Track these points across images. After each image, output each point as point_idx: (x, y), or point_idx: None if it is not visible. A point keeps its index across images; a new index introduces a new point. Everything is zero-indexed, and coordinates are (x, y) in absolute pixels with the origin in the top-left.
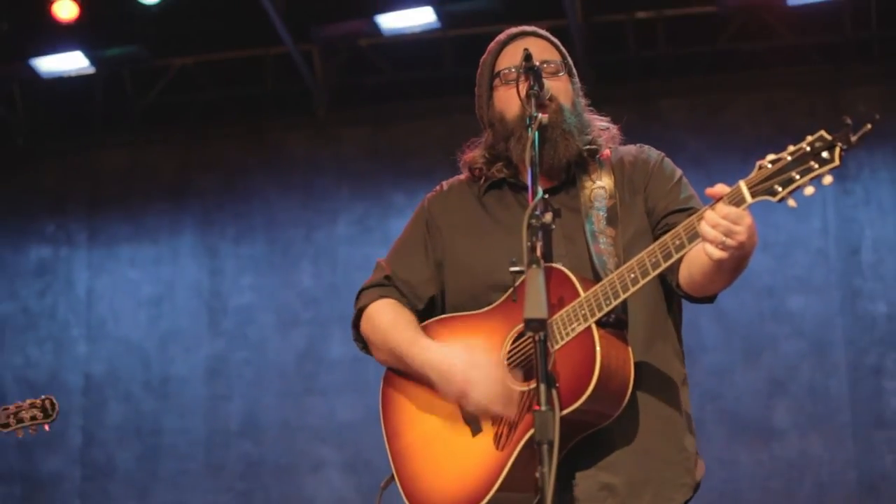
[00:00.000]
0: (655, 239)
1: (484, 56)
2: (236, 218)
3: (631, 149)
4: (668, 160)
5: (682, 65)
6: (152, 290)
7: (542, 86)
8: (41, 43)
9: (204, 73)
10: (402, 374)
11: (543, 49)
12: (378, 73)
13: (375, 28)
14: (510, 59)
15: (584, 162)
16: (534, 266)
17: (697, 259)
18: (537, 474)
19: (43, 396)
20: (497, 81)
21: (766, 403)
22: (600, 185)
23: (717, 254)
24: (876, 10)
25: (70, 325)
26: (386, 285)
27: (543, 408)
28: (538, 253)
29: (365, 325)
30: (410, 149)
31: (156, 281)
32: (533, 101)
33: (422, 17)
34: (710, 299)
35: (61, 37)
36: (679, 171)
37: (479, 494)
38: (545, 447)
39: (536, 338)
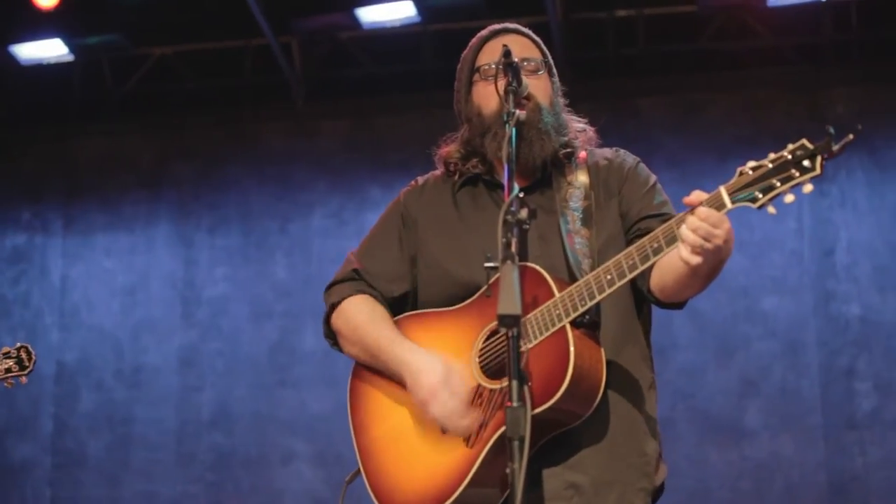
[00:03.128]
0: (628, 243)
1: (465, 51)
2: (212, 208)
3: (606, 152)
4: (642, 165)
5: (662, 63)
6: (126, 280)
7: (520, 82)
8: (20, 30)
9: (183, 63)
10: (372, 368)
11: (524, 47)
12: (357, 67)
13: (355, 21)
14: (490, 55)
15: (560, 162)
16: (508, 262)
17: (670, 265)
18: (507, 470)
19: (18, 345)
20: (476, 77)
21: (738, 403)
22: (575, 185)
23: (694, 259)
24: (856, 12)
25: (43, 313)
26: (356, 279)
27: (515, 404)
28: (513, 249)
29: (337, 320)
30: (388, 142)
31: (130, 270)
32: (511, 97)
33: (402, 11)
34: (679, 305)
35: (41, 24)
36: (653, 177)
37: (447, 490)
38: (516, 443)
39: (509, 334)
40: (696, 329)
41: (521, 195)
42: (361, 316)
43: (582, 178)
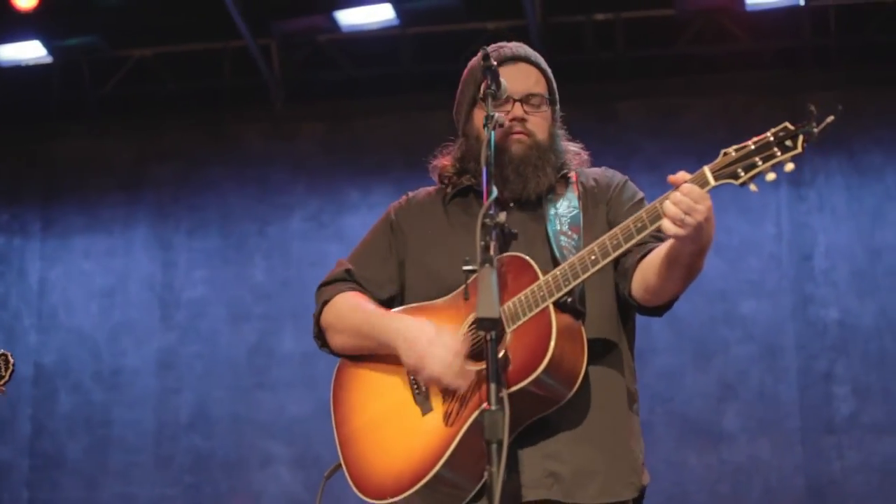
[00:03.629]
0: (624, 268)
1: (472, 62)
2: (191, 211)
3: (596, 170)
4: (631, 182)
5: (640, 67)
6: (105, 282)
7: (499, 85)
8: None
9: (162, 65)
10: (355, 361)
11: (530, 79)
12: (336, 69)
13: (334, 24)
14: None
15: (553, 187)
16: (487, 265)
17: (651, 263)
18: (485, 473)
19: None
20: (480, 103)
21: (716, 407)
22: (565, 198)
23: (674, 229)
24: (834, 16)
25: (21, 315)
26: (347, 280)
27: (493, 407)
28: (492, 252)
29: (328, 314)
30: (367, 145)
31: (109, 272)
32: (490, 100)
33: (381, 14)
34: (660, 310)
35: (19, 25)
36: (641, 193)
37: (424, 469)
38: (494, 447)
39: (488, 337)
40: (675, 333)
41: (510, 207)
42: (352, 302)
43: (571, 191)
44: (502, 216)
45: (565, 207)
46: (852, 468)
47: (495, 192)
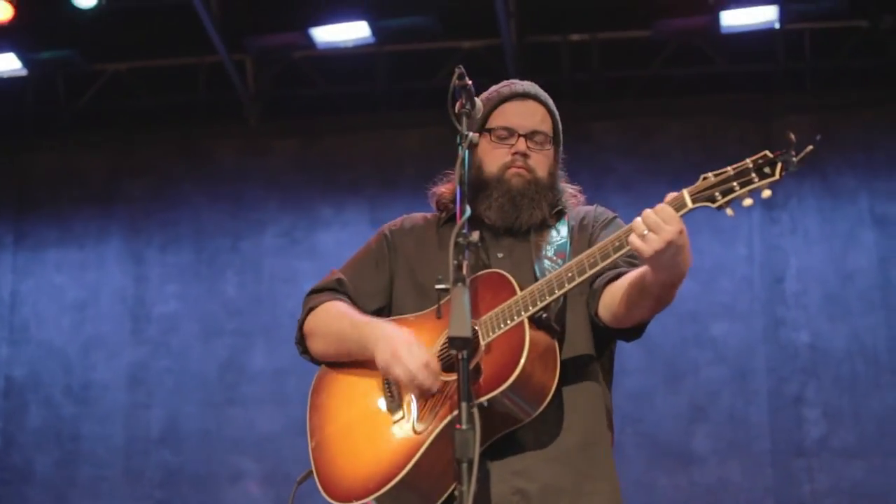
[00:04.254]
0: (590, 283)
1: (483, 96)
2: (163, 225)
3: (587, 207)
4: (620, 220)
5: (615, 88)
6: (77, 296)
7: (473, 105)
8: None
9: (137, 80)
10: (332, 368)
11: (537, 116)
12: (310, 86)
13: (309, 41)
14: (505, 118)
15: (545, 220)
16: (459, 284)
17: (621, 285)
18: (455, 491)
19: None
20: (486, 134)
21: (687, 429)
22: (555, 230)
23: (637, 242)
24: (809, 40)
25: None
26: (337, 290)
27: (464, 426)
28: (464, 271)
29: (312, 320)
30: (340, 162)
31: (81, 286)
32: (465, 119)
33: (356, 32)
34: (628, 333)
35: None
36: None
37: (391, 474)
38: (464, 465)
39: (460, 356)
40: (646, 353)
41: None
42: (338, 309)
43: (561, 226)
44: (475, 235)
45: (554, 236)
46: (822, 491)
47: (468, 211)
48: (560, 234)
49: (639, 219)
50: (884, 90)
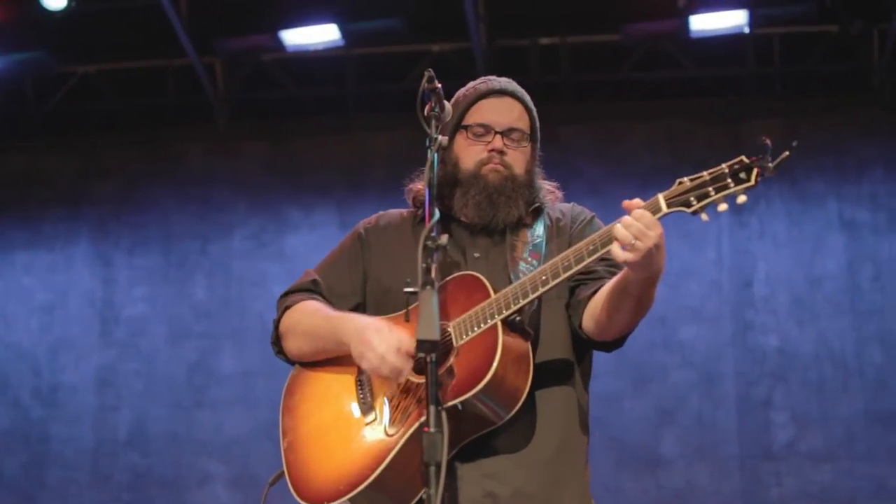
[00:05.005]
0: (571, 290)
1: (460, 93)
2: (132, 228)
3: (565, 205)
4: (598, 220)
5: (584, 91)
6: (45, 298)
7: (443, 108)
8: None
9: (106, 82)
10: (306, 368)
11: (514, 113)
12: (280, 89)
13: (279, 43)
14: (481, 115)
15: (522, 218)
16: (427, 288)
17: (602, 294)
18: (424, 494)
19: None
20: (462, 131)
21: (654, 432)
22: (531, 229)
23: (623, 254)
24: (778, 45)
25: None
26: (313, 290)
27: (433, 429)
28: (433, 275)
29: (288, 319)
30: (309, 165)
31: (49, 288)
32: (434, 122)
33: (326, 35)
34: (609, 346)
35: None
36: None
37: (362, 476)
38: (432, 469)
39: (428, 359)
40: (614, 357)
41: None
42: (311, 308)
43: (538, 225)
44: (444, 238)
45: (531, 236)
46: (790, 495)
47: (437, 214)
48: (536, 233)
49: (620, 227)
50: (853, 95)
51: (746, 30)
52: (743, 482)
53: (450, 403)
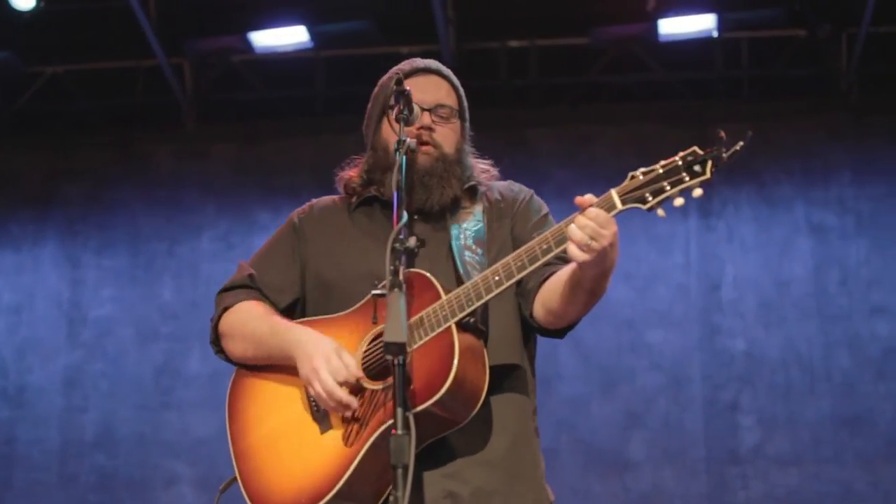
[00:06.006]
0: (527, 289)
1: (383, 78)
2: (100, 229)
3: (501, 183)
4: (536, 197)
5: (552, 95)
6: (12, 299)
7: (411, 110)
8: None
9: (74, 83)
10: (252, 371)
11: (440, 91)
12: (249, 90)
13: (248, 45)
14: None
15: (458, 199)
16: (396, 290)
17: (553, 285)
18: (391, 498)
19: None
20: (389, 112)
21: (622, 435)
22: (469, 210)
23: (580, 255)
24: (747, 48)
25: None
26: (250, 286)
27: (400, 432)
28: (401, 276)
29: (227, 321)
30: (278, 167)
31: (16, 289)
32: (402, 125)
33: (295, 36)
34: (561, 332)
35: None
36: (546, 208)
37: (325, 488)
38: (399, 471)
39: (395, 362)
40: (581, 360)
41: (415, 217)
42: (254, 311)
43: (476, 204)
44: (412, 241)
45: (470, 221)
46: (756, 499)
47: (406, 217)
48: (475, 217)
49: (575, 229)
50: (821, 99)
51: (715, 34)
52: (710, 485)
53: (409, 413)
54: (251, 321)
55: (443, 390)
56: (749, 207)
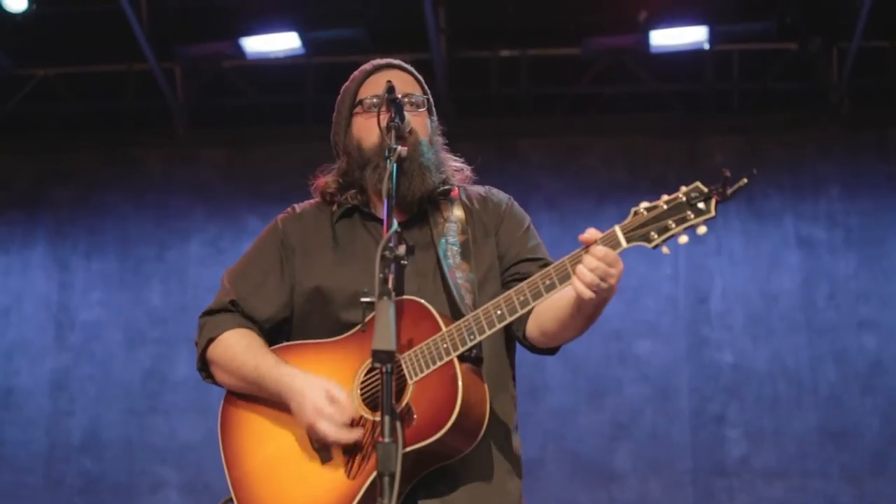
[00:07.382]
0: (503, 285)
1: (346, 83)
2: (89, 232)
3: (479, 189)
4: (516, 204)
5: (543, 105)
6: (0, 301)
7: (402, 118)
8: None
9: (65, 86)
10: (243, 399)
11: (407, 83)
12: (239, 96)
13: (239, 50)
14: (373, 88)
15: (436, 199)
16: (384, 298)
17: (552, 307)
18: None
19: None
20: (358, 109)
21: (608, 446)
22: (451, 220)
23: (588, 294)
24: (737, 61)
25: None
26: (232, 311)
27: (387, 439)
28: (390, 285)
29: (214, 351)
30: (267, 172)
31: (4, 291)
32: (393, 132)
33: (286, 43)
34: (553, 350)
35: None
36: (527, 218)
37: None
38: (386, 479)
39: (383, 369)
40: (569, 371)
41: (399, 230)
42: (240, 346)
43: (458, 212)
44: (402, 249)
45: (454, 233)
46: None
47: (395, 225)
48: (458, 228)
49: (585, 270)
50: (810, 113)
51: (706, 46)
52: (696, 497)
53: (412, 448)
54: (238, 357)
55: (447, 426)
56: (738, 220)
